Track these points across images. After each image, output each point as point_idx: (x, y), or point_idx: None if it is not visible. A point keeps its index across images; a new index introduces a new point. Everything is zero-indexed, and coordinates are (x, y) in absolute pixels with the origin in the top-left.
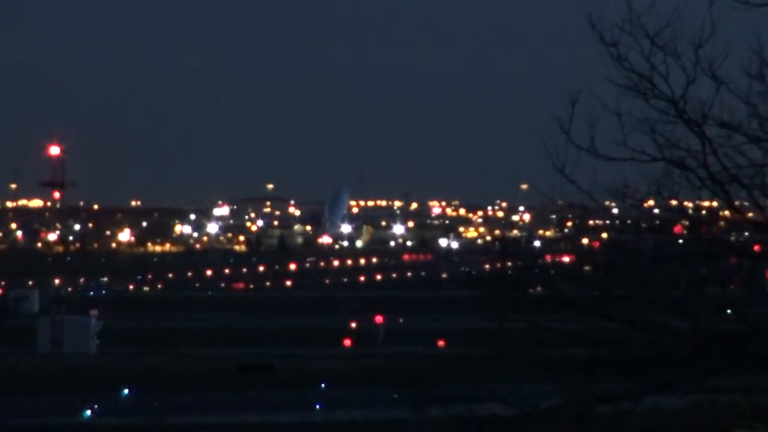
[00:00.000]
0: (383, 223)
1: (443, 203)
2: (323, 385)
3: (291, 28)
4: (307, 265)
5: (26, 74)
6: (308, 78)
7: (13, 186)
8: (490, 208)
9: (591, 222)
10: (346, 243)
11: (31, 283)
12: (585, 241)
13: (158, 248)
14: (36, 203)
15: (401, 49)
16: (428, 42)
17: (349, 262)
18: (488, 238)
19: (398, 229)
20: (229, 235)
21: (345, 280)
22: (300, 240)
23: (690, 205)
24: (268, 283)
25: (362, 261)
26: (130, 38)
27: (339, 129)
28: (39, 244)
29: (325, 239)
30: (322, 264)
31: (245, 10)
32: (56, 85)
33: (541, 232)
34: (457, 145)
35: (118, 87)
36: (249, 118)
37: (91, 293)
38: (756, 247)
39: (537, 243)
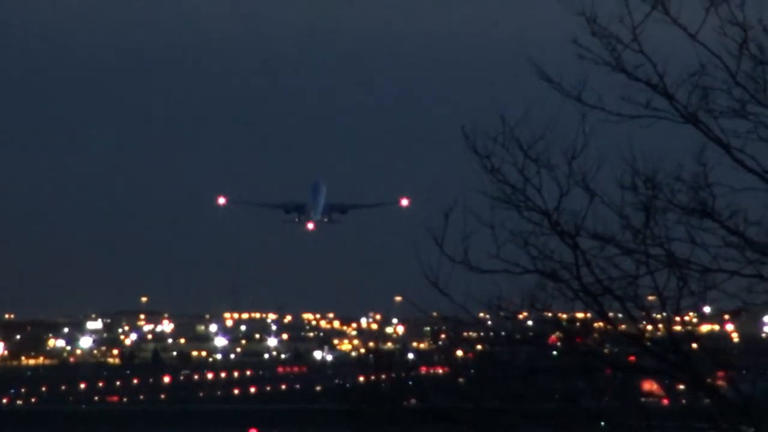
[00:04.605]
0: (257, 336)
1: (317, 315)
2: None
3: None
4: (182, 377)
5: None
6: (177, 188)
7: None
8: (364, 320)
9: (465, 334)
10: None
11: None
12: (459, 353)
13: (32, 361)
14: None
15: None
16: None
17: (223, 374)
18: (362, 350)
19: (272, 341)
20: (103, 348)
21: (219, 393)
22: (174, 353)
23: (564, 316)
24: (141, 396)
25: (236, 374)
26: None
27: (212, 241)
28: None
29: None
30: (196, 377)
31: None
32: None
33: (415, 344)
34: (330, 257)
35: None
36: (121, 229)
37: None
38: (630, 359)
39: (411, 355)
